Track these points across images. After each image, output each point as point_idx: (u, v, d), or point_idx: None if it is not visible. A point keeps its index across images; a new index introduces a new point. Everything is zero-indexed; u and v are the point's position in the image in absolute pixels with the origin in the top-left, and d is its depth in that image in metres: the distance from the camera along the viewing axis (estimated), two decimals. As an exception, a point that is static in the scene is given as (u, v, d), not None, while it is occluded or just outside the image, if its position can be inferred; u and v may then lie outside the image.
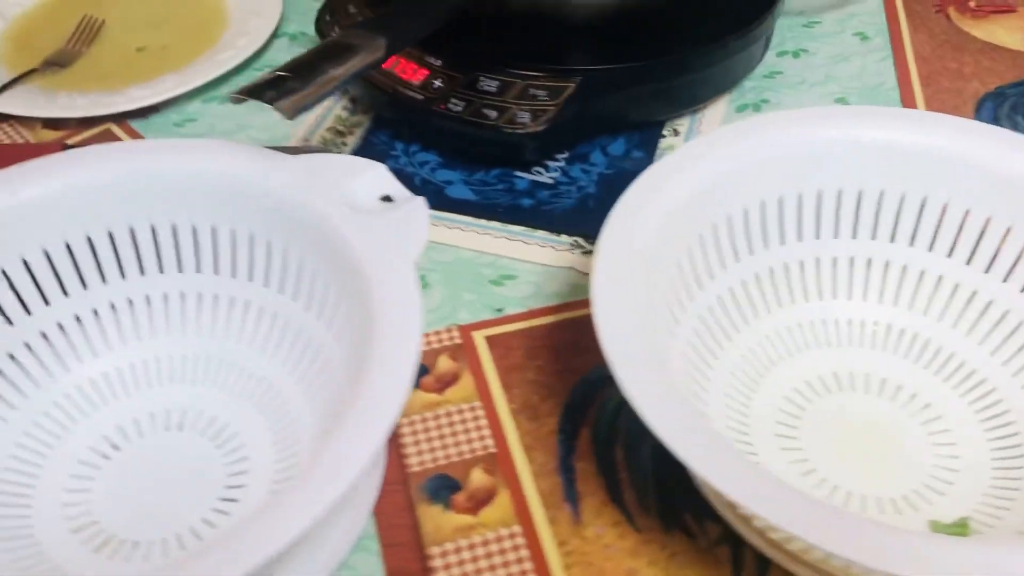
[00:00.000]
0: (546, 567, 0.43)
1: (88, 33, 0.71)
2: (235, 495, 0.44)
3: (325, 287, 0.45)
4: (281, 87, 0.44)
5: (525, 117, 0.58)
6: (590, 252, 0.57)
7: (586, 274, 0.55)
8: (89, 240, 0.47)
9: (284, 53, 0.72)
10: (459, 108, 0.59)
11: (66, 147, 0.60)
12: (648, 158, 0.62)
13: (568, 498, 0.45)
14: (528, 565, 0.43)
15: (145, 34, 0.72)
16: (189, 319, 0.49)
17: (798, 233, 0.50)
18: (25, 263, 0.46)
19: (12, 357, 0.46)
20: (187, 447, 0.46)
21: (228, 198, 0.46)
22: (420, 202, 0.44)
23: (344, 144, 0.64)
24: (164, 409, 0.47)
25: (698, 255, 0.47)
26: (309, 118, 0.66)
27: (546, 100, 0.58)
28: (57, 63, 0.69)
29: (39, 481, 0.45)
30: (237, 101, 0.43)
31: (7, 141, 0.65)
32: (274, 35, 0.71)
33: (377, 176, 0.46)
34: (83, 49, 0.71)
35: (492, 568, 0.43)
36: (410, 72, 0.60)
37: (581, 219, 0.58)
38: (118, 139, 0.65)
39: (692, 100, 0.64)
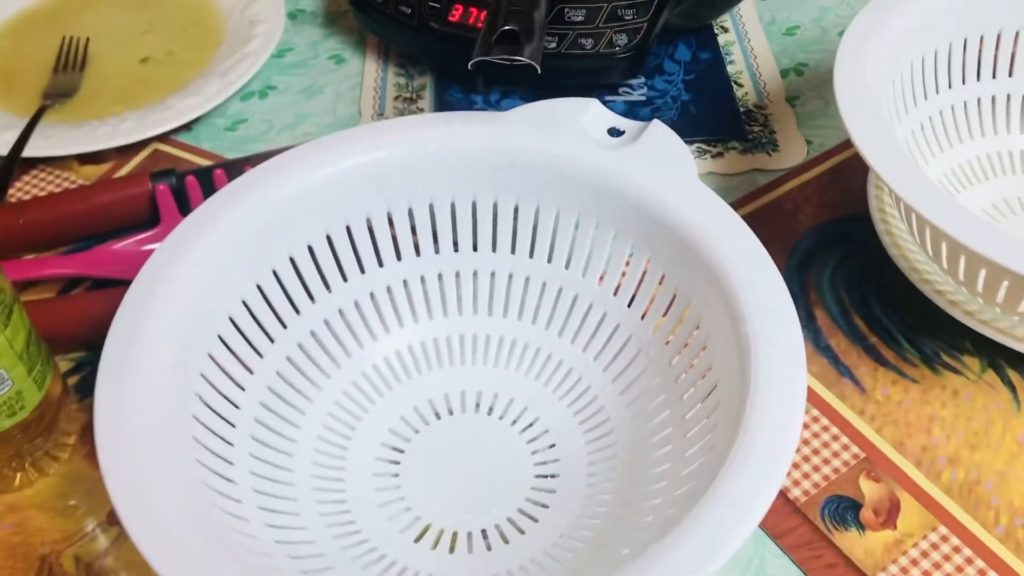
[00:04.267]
0: (859, 435, 0.45)
1: (76, 55, 0.64)
2: (549, 484, 0.43)
3: (610, 245, 0.44)
4: (514, 41, 0.42)
5: (622, 39, 0.58)
6: (720, 154, 0.58)
7: (728, 175, 0.57)
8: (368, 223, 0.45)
9: (294, 35, 0.68)
10: (553, 44, 0.58)
11: (154, 176, 0.54)
12: (718, 57, 0.64)
13: (843, 374, 0.48)
14: (845, 440, 0.45)
15: (141, 43, 0.65)
16: (472, 298, 0.47)
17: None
18: (329, 240, 0.44)
19: (313, 334, 0.44)
20: (487, 431, 0.45)
21: (495, 168, 0.44)
22: (658, 123, 0.44)
23: (420, 109, 0.62)
24: (462, 390, 0.46)
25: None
26: (367, 94, 0.63)
27: (636, 18, 0.59)
28: (60, 94, 0.62)
29: (348, 464, 0.43)
30: (476, 66, 0.41)
31: (49, 188, 0.58)
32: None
33: (597, 111, 0.45)
34: (78, 73, 0.63)
35: (815, 451, 0.45)
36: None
37: (692, 126, 0.60)
38: (172, 158, 0.60)
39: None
